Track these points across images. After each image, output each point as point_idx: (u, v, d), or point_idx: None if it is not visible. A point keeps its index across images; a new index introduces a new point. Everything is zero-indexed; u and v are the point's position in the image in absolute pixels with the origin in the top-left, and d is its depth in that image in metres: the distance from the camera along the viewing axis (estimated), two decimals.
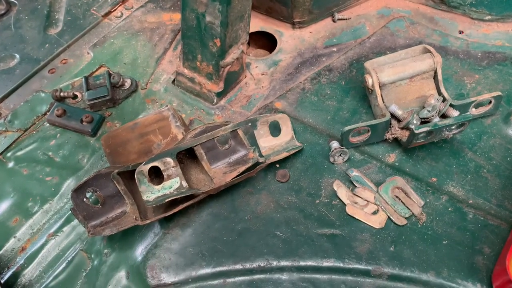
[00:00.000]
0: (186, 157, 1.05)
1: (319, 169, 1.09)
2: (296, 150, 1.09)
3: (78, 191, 0.97)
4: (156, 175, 1.00)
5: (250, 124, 1.06)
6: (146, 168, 0.95)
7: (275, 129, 1.11)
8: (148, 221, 0.97)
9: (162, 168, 0.96)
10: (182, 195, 0.94)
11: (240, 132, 1.03)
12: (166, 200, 0.93)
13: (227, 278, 0.95)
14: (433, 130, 0.98)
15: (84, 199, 0.98)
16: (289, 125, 1.11)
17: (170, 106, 1.09)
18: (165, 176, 0.95)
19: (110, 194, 1.00)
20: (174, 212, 0.98)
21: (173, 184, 0.95)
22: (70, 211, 0.98)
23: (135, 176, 0.94)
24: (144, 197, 0.93)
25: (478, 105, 1.11)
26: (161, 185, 0.94)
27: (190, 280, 0.95)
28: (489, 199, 1.01)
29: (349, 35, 1.36)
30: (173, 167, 0.95)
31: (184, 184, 0.95)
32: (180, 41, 1.35)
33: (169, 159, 0.96)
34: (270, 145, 1.09)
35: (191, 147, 1.00)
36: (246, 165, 1.01)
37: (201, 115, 1.23)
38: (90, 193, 0.99)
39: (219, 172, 1.00)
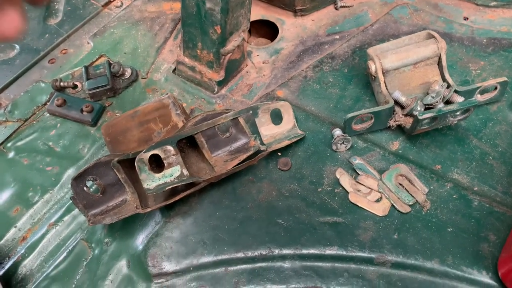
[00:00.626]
0: (187, 145, 1.04)
1: (321, 157, 1.07)
2: (298, 138, 1.08)
3: (78, 180, 0.96)
4: (157, 164, 0.99)
5: (251, 111, 1.05)
6: (146, 156, 0.94)
7: (276, 117, 1.10)
8: (149, 210, 0.96)
9: (162, 156, 0.95)
10: (183, 183, 0.93)
11: (241, 120, 1.02)
12: (167, 188, 0.92)
13: (228, 267, 0.94)
14: (437, 116, 0.97)
15: (84, 188, 0.97)
16: (291, 113, 1.10)
17: (170, 94, 1.08)
18: (165, 164, 0.94)
19: (110, 182, 0.99)
20: (175, 200, 0.97)
21: (174, 172, 0.93)
22: (70, 200, 0.97)
23: (135, 164, 0.93)
24: (145, 185, 0.92)
25: (483, 91, 1.09)
26: (162, 173, 0.93)
27: (191, 268, 0.95)
28: (494, 186, 0.99)
29: (352, 23, 1.34)
30: (173, 155, 0.94)
31: (185, 172, 0.94)
32: (180, 30, 1.34)
33: (169, 147, 0.95)
34: (271, 133, 1.08)
35: (192, 135, 0.98)
36: (247, 153, 1.00)
37: (202, 104, 1.21)
38: (91, 182, 0.98)
39: (220, 160, 0.99)
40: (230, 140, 1.02)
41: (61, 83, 1.24)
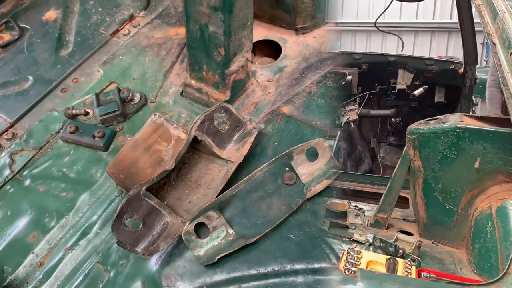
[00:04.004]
0: (187, 156, 1.08)
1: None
2: (336, 175, 1.06)
3: (117, 222, 0.97)
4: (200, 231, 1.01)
5: (286, 157, 1.06)
6: (191, 227, 0.97)
7: (312, 155, 1.09)
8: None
9: (207, 222, 0.98)
10: (232, 249, 0.96)
11: (233, 109, 1.08)
12: (219, 256, 0.95)
13: (242, 284, 0.95)
14: None
15: (125, 228, 0.98)
16: (326, 148, 1.08)
17: (159, 114, 1.12)
18: (210, 229, 0.98)
19: (147, 212, 1.00)
20: None
21: (219, 234, 0.97)
22: (117, 245, 0.97)
23: (183, 238, 0.96)
24: (195, 253, 0.96)
25: None
26: (209, 237, 0.97)
27: (205, 286, 0.95)
28: None
29: None
30: (216, 218, 0.98)
31: (230, 231, 0.97)
32: (186, 54, 1.38)
33: (211, 213, 0.99)
34: (308, 170, 1.07)
35: (197, 140, 1.04)
36: (252, 136, 1.06)
37: None
38: (128, 219, 0.99)
39: (232, 152, 1.03)
40: (230, 130, 1.08)
41: (73, 111, 1.28)
